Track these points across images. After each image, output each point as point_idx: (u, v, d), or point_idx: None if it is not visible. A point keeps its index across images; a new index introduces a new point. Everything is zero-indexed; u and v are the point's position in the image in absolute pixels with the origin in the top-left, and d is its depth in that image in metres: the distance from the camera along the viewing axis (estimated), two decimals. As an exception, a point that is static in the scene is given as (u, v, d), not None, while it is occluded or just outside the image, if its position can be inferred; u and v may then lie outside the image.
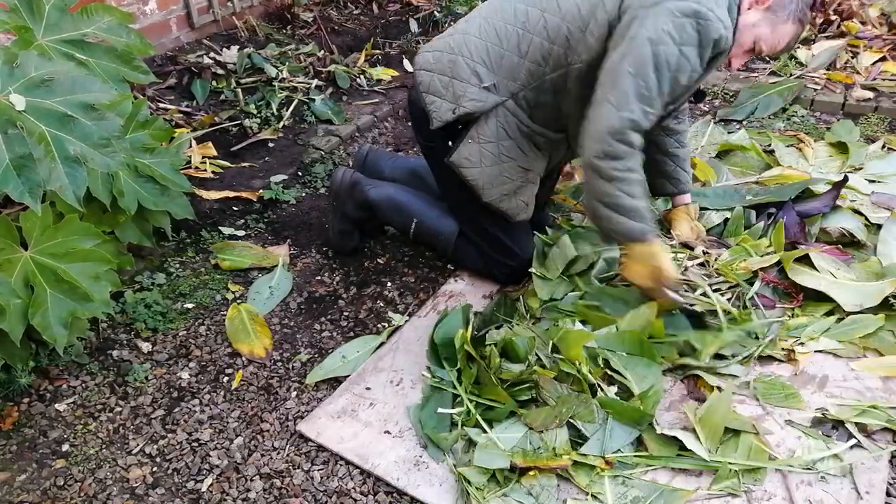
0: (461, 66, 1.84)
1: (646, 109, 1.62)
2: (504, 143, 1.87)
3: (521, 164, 1.92)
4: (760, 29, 1.72)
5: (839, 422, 1.61)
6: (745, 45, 1.74)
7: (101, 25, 1.99)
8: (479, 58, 1.83)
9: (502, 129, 1.86)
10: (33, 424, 1.74)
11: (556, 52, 1.75)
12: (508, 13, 1.82)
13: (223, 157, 2.86)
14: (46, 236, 1.71)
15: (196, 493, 1.57)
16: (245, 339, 1.98)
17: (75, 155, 1.54)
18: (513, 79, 1.81)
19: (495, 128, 1.85)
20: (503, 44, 1.81)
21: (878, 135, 2.92)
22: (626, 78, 1.60)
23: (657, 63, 1.59)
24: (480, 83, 1.82)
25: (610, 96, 1.62)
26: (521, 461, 1.50)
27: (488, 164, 1.88)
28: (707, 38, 1.60)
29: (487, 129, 1.85)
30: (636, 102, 1.60)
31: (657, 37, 1.58)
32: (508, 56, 1.80)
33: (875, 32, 3.69)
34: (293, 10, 4.12)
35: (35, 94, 1.56)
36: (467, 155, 1.88)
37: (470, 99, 1.82)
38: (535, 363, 1.73)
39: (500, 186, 1.92)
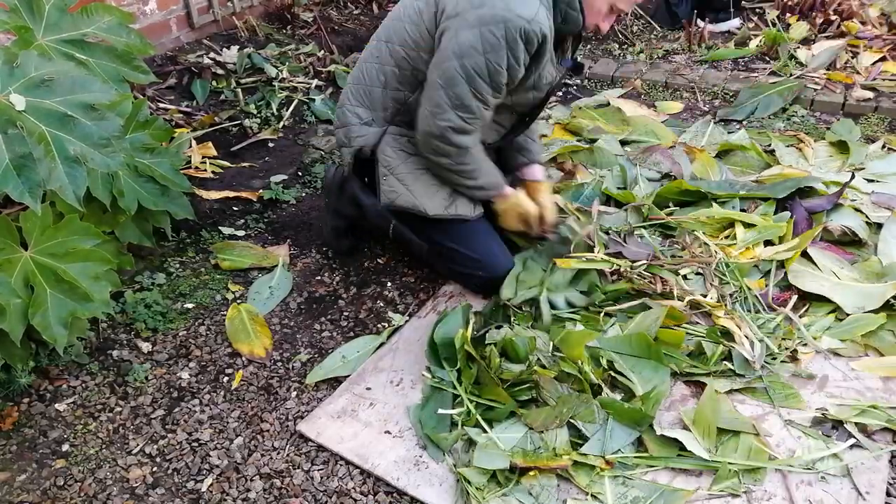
0: (346, 115, 2.00)
1: (462, 115, 1.75)
2: (410, 158, 1.95)
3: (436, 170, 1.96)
4: None
5: (839, 422, 1.61)
6: (601, 9, 1.79)
7: (101, 25, 1.99)
8: (355, 101, 1.99)
9: (399, 150, 1.95)
10: (33, 424, 1.74)
11: (405, 75, 1.88)
12: (369, 53, 1.97)
13: (223, 157, 2.86)
14: (46, 236, 1.71)
15: (196, 493, 1.57)
16: (245, 339, 1.98)
17: (75, 155, 1.54)
18: (383, 109, 1.95)
19: (392, 152, 1.94)
20: (367, 81, 1.95)
21: (878, 135, 2.92)
22: (437, 90, 1.74)
23: (467, 75, 1.70)
24: (361, 121, 1.98)
25: (427, 103, 1.78)
26: (522, 461, 1.51)
27: (409, 182, 1.94)
28: (513, 39, 1.65)
29: (387, 157, 1.94)
30: (451, 111, 1.75)
31: (461, 50, 1.67)
32: (374, 90, 1.94)
33: (875, 32, 3.69)
34: (293, 10, 4.12)
35: (35, 94, 1.56)
36: (390, 188, 1.95)
37: (356, 136, 1.97)
38: (535, 363, 1.73)
39: (436, 196, 1.95)
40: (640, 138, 2.90)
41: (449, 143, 1.80)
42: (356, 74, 2.00)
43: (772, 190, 2.27)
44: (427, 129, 1.80)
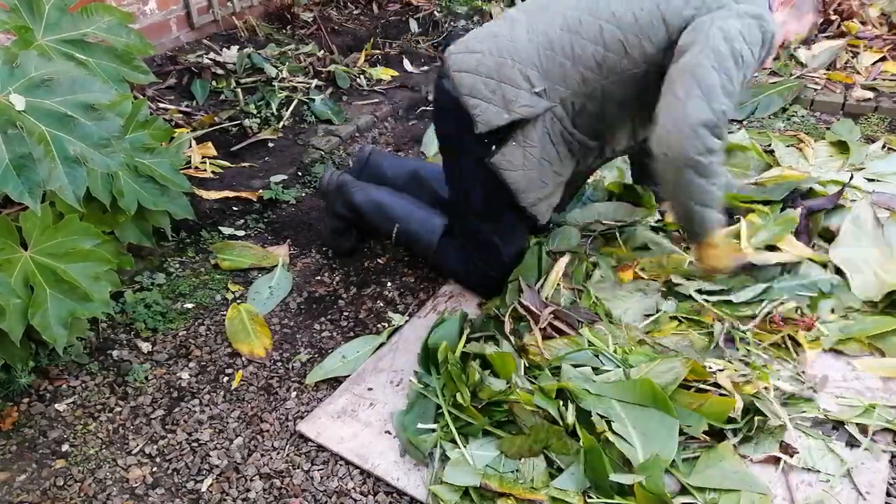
0: (511, 71, 1.79)
1: (728, 103, 1.66)
2: (547, 147, 1.86)
3: (556, 168, 1.92)
4: (790, 25, 1.87)
5: (839, 422, 1.61)
6: (777, 42, 1.82)
7: (100, 25, 1.98)
8: (530, 62, 1.79)
9: (547, 134, 1.85)
10: (33, 424, 1.74)
11: (611, 59, 1.76)
12: (560, 19, 1.80)
13: (223, 157, 2.86)
14: (46, 236, 1.70)
15: (196, 493, 1.57)
16: (245, 339, 1.98)
17: (75, 155, 1.54)
18: (564, 85, 1.79)
19: (541, 133, 1.84)
20: (556, 49, 1.78)
21: (878, 135, 2.92)
22: (710, 72, 1.63)
23: (735, 58, 1.65)
24: (532, 88, 1.79)
25: (696, 90, 1.63)
26: (498, 486, 1.46)
27: (531, 167, 1.86)
28: (767, 39, 1.70)
29: (534, 133, 1.83)
30: (724, 96, 1.64)
31: (732, 35, 1.65)
32: (561, 62, 1.78)
33: (875, 32, 3.69)
34: (293, 10, 4.12)
35: (35, 94, 1.56)
36: (511, 158, 1.85)
37: (522, 104, 1.79)
38: (515, 386, 1.64)
39: (537, 190, 1.92)
40: (640, 138, 2.89)
41: (718, 135, 1.65)
42: (539, 35, 1.80)
43: (771, 192, 2.26)
44: (700, 118, 1.62)
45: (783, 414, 1.58)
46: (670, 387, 1.58)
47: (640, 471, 1.43)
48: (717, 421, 1.55)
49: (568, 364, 1.68)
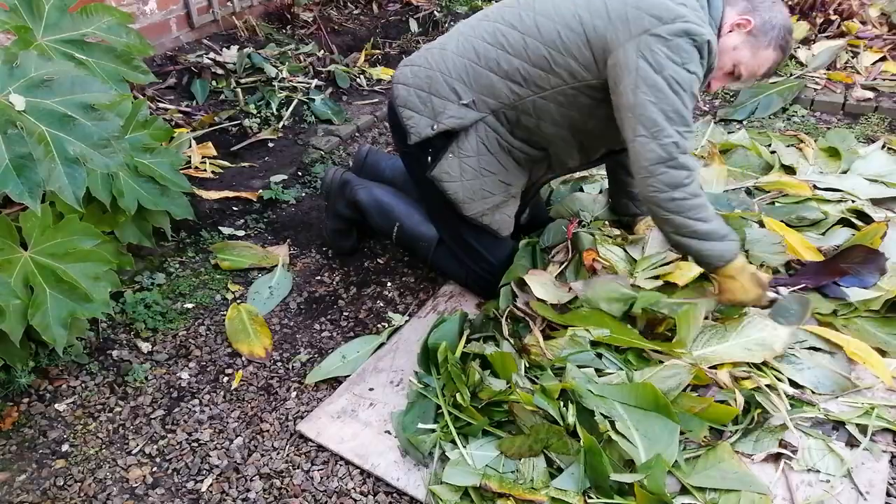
0: (439, 83, 1.83)
1: (679, 130, 1.61)
2: (484, 157, 1.86)
3: (502, 178, 1.90)
4: (741, 52, 1.71)
5: (839, 422, 1.61)
6: (724, 67, 1.73)
7: (100, 25, 1.98)
8: (457, 75, 1.81)
9: (482, 144, 1.85)
10: (33, 424, 1.74)
11: (538, 75, 1.74)
12: (489, 33, 1.80)
13: (223, 157, 2.86)
14: (46, 236, 1.70)
15: (196, 493, 1.57)
16: (245, 339, 1.98)
17: (75, 155, 1.54)
18: (493, 97, 1.79)
19: (475, 142, 1.84)
20: (482, 62, 1.79)
21: (878, 135, 2.92)
22: (648, 107, 1.60)
23: (669, 84, 1.59)
24: (459, 100, 1.81)
25: (640, 130, 1.61)
26: (497, 487, 1.46)
27: (469, 178, 1.87)
28: (703, 50, 1.61)
29: (468, 143, 1.84)
30: (669, 126, 1.60)
31: (660, 62, 1.59)
32: (487, 75, 1.78)
33: (875, 32, 3.69)
34: (293, 10, 4.12)
35: (35, 94, 1.56)
36: (447, 169, 1.86)
37: (449, 116, 1.82)
38: (515, 386, 1.64)
39: (481, 201, 1.91)
40: (640, 138, 2.89)
41: (678, 166, 1.61)
42: (467, 49, 1.81)
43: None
44: (655, 156, 1.61)
45: (783, 406, 1.59)
46: (673, 392, 1.58)
47: (642, 470, 1.43)
48: (718, 424, 1.57)
49: (572, 364, 1.68)
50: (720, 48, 1.70)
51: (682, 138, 1.61)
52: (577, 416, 1.55)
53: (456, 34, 1.87)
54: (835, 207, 2.29)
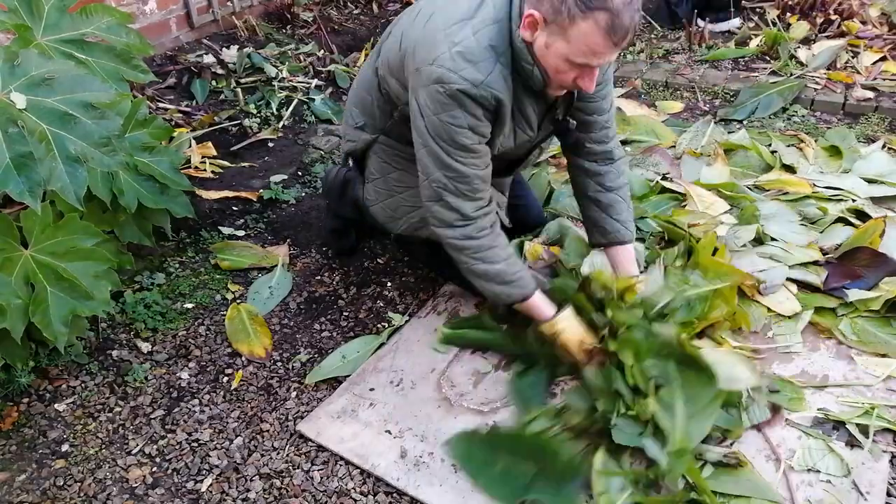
0: (347, 112, 1.97)
1: (447, 174, 1.59)
2: (391, 175, 1.89)
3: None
4: (557, 46, 1.43)
5: (839, 422, 1.61)
6: (556, 67, 1.48)
7: (100, 25, 1.98)
8: (352, 101, 1.94)
9: (385, 163, 1.89)
10: (33, 424, 1.74)
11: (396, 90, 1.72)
12: (369, 59, 1.88)
13: (223, 156, 2.86)
14: (47, 235, 1.71)
15: (196, 493, 1.57)
16: (245, 339, 1.98)
17: (76, 154, 1.54)
18: (375, 116, 1.86)
19: (378, 164, 1.90)
20: (364, 86, 1.88)
21: (878, 135, 2.92)
22: (419, 148, 1.62)
23: (431, 133, 1.57)
24: (354, 123, 1.92)
25: (419, 166, 1.64)
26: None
27: (383, 199, 1.93)
28: (459, 100, 1.50)
29: (372, 166, 1.92)
30: (435, 169, 1.60)
31: (419, 110, 1.57)
32: (367, 98, 1.86)
33: (875, 32, 3.69)
34: (293, 10, 4.12)
35: (36, 93, 1.56)
36: (367, 195, 1.97)
37: (348, 140, 1.95)
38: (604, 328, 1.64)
39: (404, 217, 1.91)
40: (640, 138, 2.89)
41: (448, 207, 1.62)
42: (359, 77, 1.95)
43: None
44: (424, 195, 1.65)
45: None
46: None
47: (671, 455, 1.44)
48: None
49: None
50: (538, 56, 1.48)
51: (448, 181, 1.59)
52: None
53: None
54: (835, 206, 2.28)
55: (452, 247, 1.67)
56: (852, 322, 1.87)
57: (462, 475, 1.55)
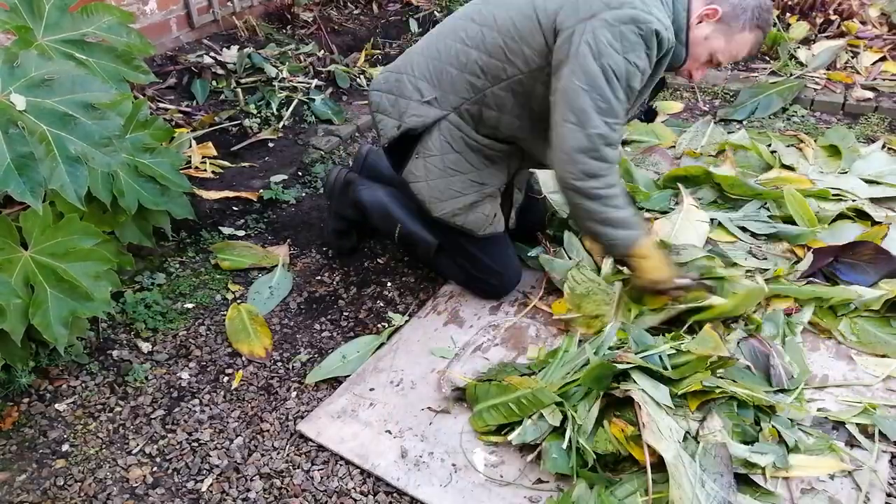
0: (405, 84, 1.87)
1: (608, 121, 1.63)
2: (449, 156, 1.88)
3: (472, 178, 1.91)
4: (714, 42, 1.71)
5: (839, 422, 1.61)
6: (700, 57, 1.74)
7: (101, 25, 1.98)
8: (420, 74, 1.85)
9: (446, 142, 1.86)
10: (33, 424, 1.74)
11: (494, 65, 1.76)
12: (450, 30, 1.85)
13: (223, 157, 2.86)
14: (46, 236, 1.70)
15: (196, 493, 1.57)
16: (245, 339, 1.98)
17: (76, 154, 1.54)
18: (454, 92, 1.82)
19: (439, 142, 1.86)
20: (443, 58, 1.82)
21: (878, 135, 2.92)
22: (580, 95, 1.61)
23: (606, 75, 1.60)
24: (422, 98, 1.85)
25: (569, 116, 1.63)
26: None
27: (433, 177, 1.89)
28: (650, 41, 1.60)
29: (430, 143, 1.87)
30: (598, 117, 1.61)
31: (600, 50, 1.59)
32: (448, 70, 1.81)
33: (875, 32, 3.69)
34: (293, 10, 4.12)
35: (36, 94, 1.56)
36: (413, 170, 1.90)
37: (412, 114, 1.85)
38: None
39: (450, 201, 1.91)
40: (639, 138, 2.90)
41: (599, 158, 1.63)
42: (429, 47, 1.87)
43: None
44: (577, 145, 1.63)
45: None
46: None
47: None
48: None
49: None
50: (692, 40, 1.71)
51: (609, 130, 1.63)
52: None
53: (424, 39, 1.93)
54: (835, 206, 2.29)
55: (593, 196, 1.67)
56: (852, 322, 1.87)
57: (462, 475, 1.55)
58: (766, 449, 1.49)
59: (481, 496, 1.51)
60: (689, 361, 1.61)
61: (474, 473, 1.56)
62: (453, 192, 1.91)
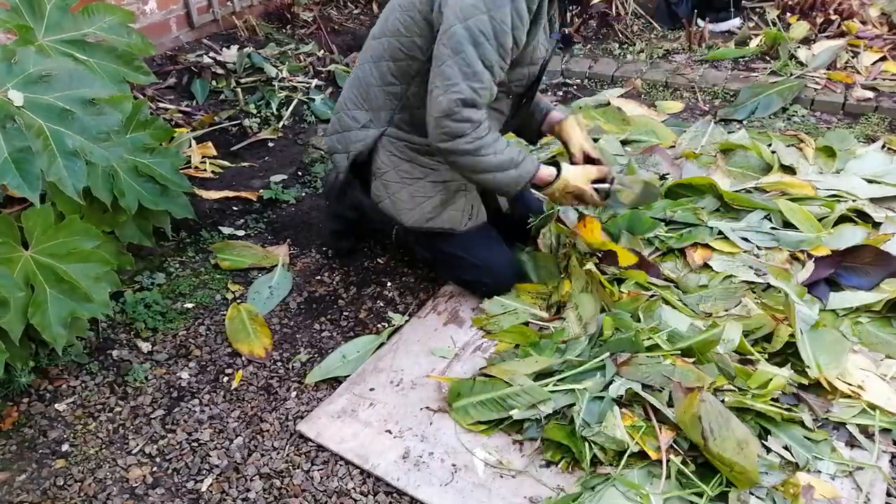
0: (344, 120, 2.00)
1: (473, 86, 1.67)
2: (401, 167, 1.95)
3: (431, 179, 1.96)
4: None
5: (840, 422, 1.61)
6: None
7: (101, 25, 1.98)
8: (352, 104, 1.98)
9: (394, 155, 1.94)
10: (33, 424, 1.74)
11: (400, 66, 1.85)
12: (363, 54, 1.96)
13: (223, 156, 2.86)
14: (47, 236, 1.70)
15: (196, 493, 1.57)
16: (245, 339, 1.98)
17: (74, 148, 1.54)
18: (383, 108, 1.92)
19: (387, 157, 1.95)
20: (363, 82, 1.94)
21: (878, 135, 2.92)
22: (446, 61, 1.66)
23: (473, 37, 1.63)
24: (359, 124, 1.96)
25: (436, 81, 1.69)
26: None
27: (394, 191, 1.96)
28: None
29: (380, 161, 1.95)
30: (462, 81, 1.66)
31: (464, 13, 1.62)
32: (371, 90, 1.92)
33: (875, 32, 3.69)
34: (293, 10, 4.12)
35: (33, 90, 1.56)
36: (376, 192, 1.99)
37: (355, 142, 1.96)
38: None
39: (418, 208, 1.96)
40: (640, 138, 2.89)
41: (460, 119, 1.68)
42: (352, 78, 1.99)
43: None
44: (439, 109, 1.68)
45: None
46: None
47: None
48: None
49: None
50: None
51: (473, 94, 1.67)
52: None
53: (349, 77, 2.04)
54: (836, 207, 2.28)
55: (463, 152, 1.73)
56: (853, 322, 1.87)
57: (462, 475, 1.55)
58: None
59: (481, 496, 1.51)
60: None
61: (474, 473, 1.56)
62: (419, 199, 1.96)
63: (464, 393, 1.69)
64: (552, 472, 1.55)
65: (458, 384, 1.71)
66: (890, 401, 1.64)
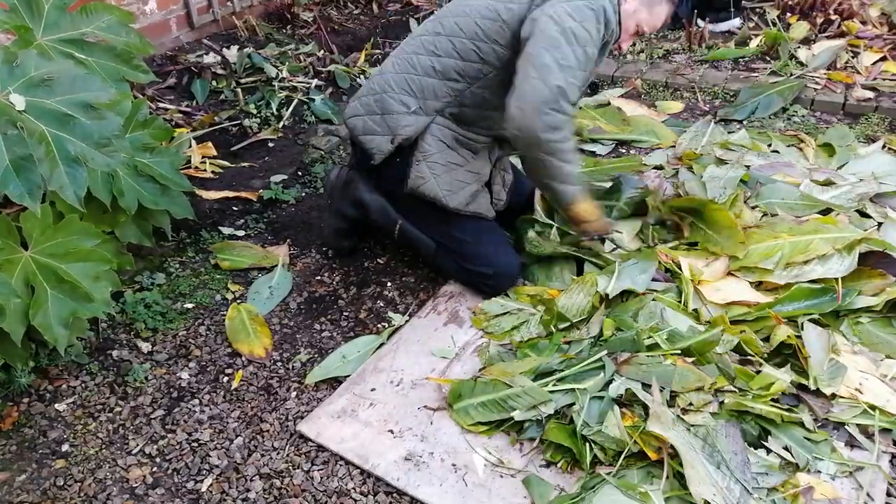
0: (388, 102, 2.01)
1: (569, 80, 1.76)
2: (445, 152, 2.02)
3: (469, 168, 2.06)
4: (640, 14, 1.98)
5: (840, 422, 1.61)
6: (629, 29, 1.98)
7: (100, 25, 1.98)
8: (401, 90, 2.01)
9: (441, 141, 2.01)
10: (33, 424, 1.74)
11: (471, 67, 1.94)
12: (418, 45, 2.02)
13: (223, 157, 2.86)
14: (47, 236, 1.70)
15: (196, 493, 1.57)
16: (245, 339, 1.98)
17: (75, 154, 1.54)
18: (436, 98, 1.99)
19: (433, 142, 2.01)
20: (419, 71, 1.99)
21: (878, 135, 2.92)
22: (542, 53, 1.76)
23: (566, 37, 1.76)
24: (409, 110, 2.00)
25: (531, 72, 1.76)
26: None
27: (440, 173, 2.01)
28: (600, 17, 1.81)
29: (427, 145, 2.00)
30: (559, 72, 1.75)
31: (559, 17, 1.77)
32: (427, 81, 1.98)
33: (875, 32, 3.69)
34: (293, 10, 4.12)
35: (35, 94, 1.55)
36: (419, 174, 2.01)
37: (404, 126, 1.99)
38: None
39: (460, 192, 2.03)
40: (640, 138, 2.90)
41: (560, 110, 1.76)
42: (403, 64, 2.02)
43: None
44: (537, 98, 1.74)
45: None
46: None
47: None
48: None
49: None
50: (623, 16, 1.94)
51: (569, 85, 1.76)
52: None
53: (391, 59, 2.08)
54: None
55: (552, 150, 1.81)
56: (853, 322, 1.87)
57: (462, 475, 1.55)
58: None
59: (481, 496, 1.51)
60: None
61: (474, 473, 1.56)
62: (460, 184, 2.04)
63: (465, 394, 1.69)
64: (552, 472, 1.55)
65: (459, 385, 1.71)
66: (889, 402, 1.64)
